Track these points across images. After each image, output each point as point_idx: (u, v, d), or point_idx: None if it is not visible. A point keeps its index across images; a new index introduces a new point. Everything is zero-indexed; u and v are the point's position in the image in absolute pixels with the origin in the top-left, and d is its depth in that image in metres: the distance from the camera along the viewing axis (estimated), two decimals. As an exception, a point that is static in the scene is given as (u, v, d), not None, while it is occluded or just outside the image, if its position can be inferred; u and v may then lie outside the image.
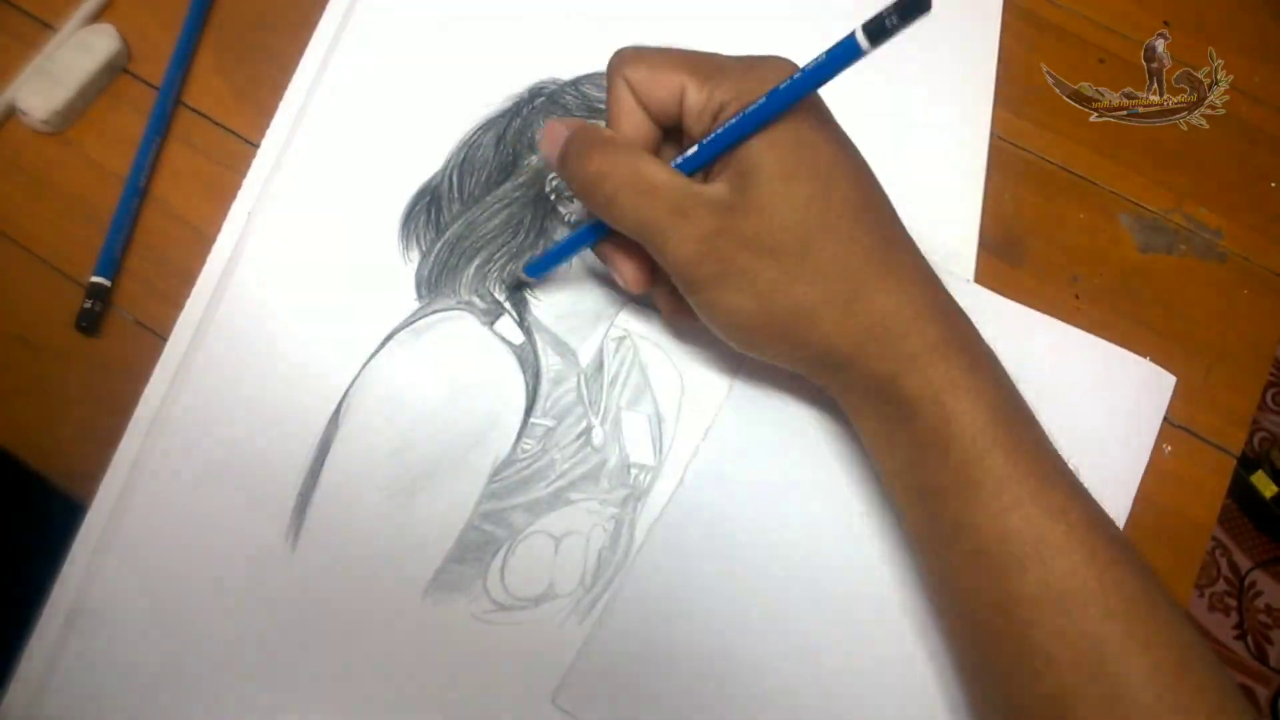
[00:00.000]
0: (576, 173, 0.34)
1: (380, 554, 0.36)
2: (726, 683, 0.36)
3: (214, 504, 0.36)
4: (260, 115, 0.43)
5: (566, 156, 0.34)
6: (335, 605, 0.35)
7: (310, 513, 0.36)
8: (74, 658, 0.34)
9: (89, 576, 0.35)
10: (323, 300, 0.40)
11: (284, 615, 0.35)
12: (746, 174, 0.32)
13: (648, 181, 0.32)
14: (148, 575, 0.35)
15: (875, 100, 0.47)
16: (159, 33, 0.45)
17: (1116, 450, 0.41)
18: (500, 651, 0.35)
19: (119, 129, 0.43)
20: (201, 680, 0.34)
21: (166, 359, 0.38)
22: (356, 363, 0.38)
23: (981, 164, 0.46)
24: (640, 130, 0.35)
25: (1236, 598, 1.21)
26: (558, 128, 0.35)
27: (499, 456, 0.38)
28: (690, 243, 0.32)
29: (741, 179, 0.32)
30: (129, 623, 0.35)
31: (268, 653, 0.35)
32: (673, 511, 0.38)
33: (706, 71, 0.34)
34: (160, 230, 0.42)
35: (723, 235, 0.32)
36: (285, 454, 0.37)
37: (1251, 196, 0.47)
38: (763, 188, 0.32)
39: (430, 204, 0.42)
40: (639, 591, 0.36)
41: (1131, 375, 0.42)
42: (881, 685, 0.36)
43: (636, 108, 0.34)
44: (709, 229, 0.32)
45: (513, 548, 0.37)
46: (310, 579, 0.35)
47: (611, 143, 0.34)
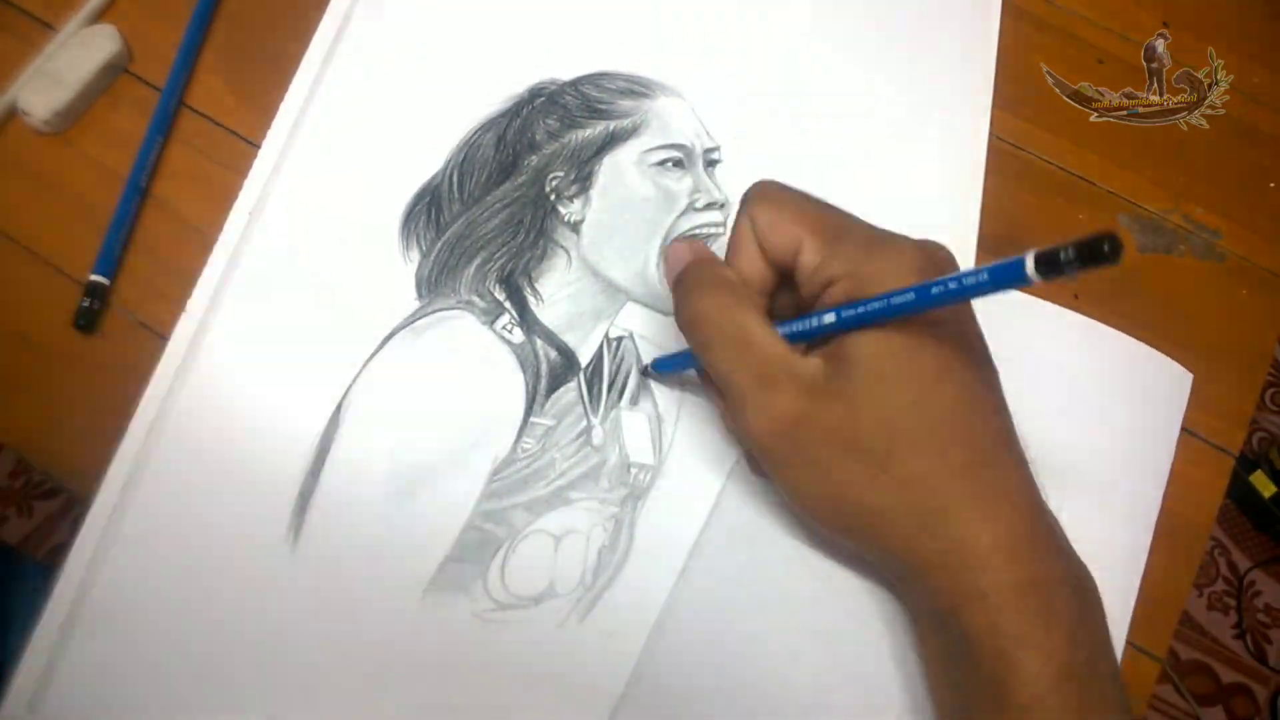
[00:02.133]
0: (684, 305, 0.33)
1: (381, 553, 0.36)
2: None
3: (215, 503, 0.36)
4: (261, 116, 0.43)
5: (680, 283, 0.34)
6: (336, 604, 0.35)
7: (311, 512, 0.36)
8: (74, 658, 0.34)
9: (90, 576, 0.35)
10: (323, 300, 0.40)
11: (284, 614, 0.35)
12: (843, 360, 0.30)
13: (745, 338, 0.31)
14: (148, 575, 0.35)
15: (875, 99, 0.47)
16: (159, 33, 0.45)
17: (1142, 446, 0.41)
18: (501, 650, 0.35)
19: (119, 129, 0.43)
20: (202, 680, 0.34)
21: (167, 359, 0.38)
22: (356, 362, 0.39)
23: (981, 164, 0.46)
24: (754, 269, 0.33)
25: (1236, 597, 1.21)
26: (682, 250, 0.34)
27: (499, 456, 0.38)
28: (769, 418, 0.31)
29: (837, 364, 0.30)
30: (130, 623, 0.35)
31: (268, 652, 0.35)
32: (711, 532, 0.38)
33: (828, 234, 0.32)
34: (161, 230, 0.42)
35: (804, 421, 0.30)
36: (285, 453, 0.37)
37: (1251, 196, 0.47)
38: (855, 382, 0.30)
39: (430, 204, 0.42)
40: (681, 621, 0.36)
41: (1151, 371, 0.42)
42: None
43: (755, 247, 0.33)
44: (791, 410, 0.30)
45: (513, 547, 0.37)
46: (311, 578, 0.35)
47: (725, 285, 0.33)
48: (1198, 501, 0.41)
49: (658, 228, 0.42)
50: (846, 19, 0.48)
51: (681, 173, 0.43)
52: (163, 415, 0.37)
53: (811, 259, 0.32)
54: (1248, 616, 1.21)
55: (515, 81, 0.45)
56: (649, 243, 0.42)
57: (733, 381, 0.31)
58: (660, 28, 0.47)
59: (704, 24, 0.47)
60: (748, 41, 0.47)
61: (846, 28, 0.48)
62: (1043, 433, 0.39)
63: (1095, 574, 0.32)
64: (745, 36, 0.47)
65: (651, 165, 0.43)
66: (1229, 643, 1.19)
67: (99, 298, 0.40)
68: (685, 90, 0.45)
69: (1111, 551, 0.39)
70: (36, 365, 0.39)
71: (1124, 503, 0.40)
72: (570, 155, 0.43)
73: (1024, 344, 0.34)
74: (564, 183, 0.42)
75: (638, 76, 0.45)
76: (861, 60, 0.47)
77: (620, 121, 0.44)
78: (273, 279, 0.40)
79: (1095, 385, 0.41)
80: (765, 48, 0.47)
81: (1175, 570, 0.40)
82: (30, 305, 0.40)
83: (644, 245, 0.42)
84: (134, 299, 0.41)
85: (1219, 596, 1.22)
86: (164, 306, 0.40)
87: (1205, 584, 1.23)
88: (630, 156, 0.43)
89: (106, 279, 0.40)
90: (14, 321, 0.40)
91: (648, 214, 0.42)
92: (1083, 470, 0.39)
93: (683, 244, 0.35)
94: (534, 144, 0.43)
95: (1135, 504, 0.40)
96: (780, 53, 0.47)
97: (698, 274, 0.33)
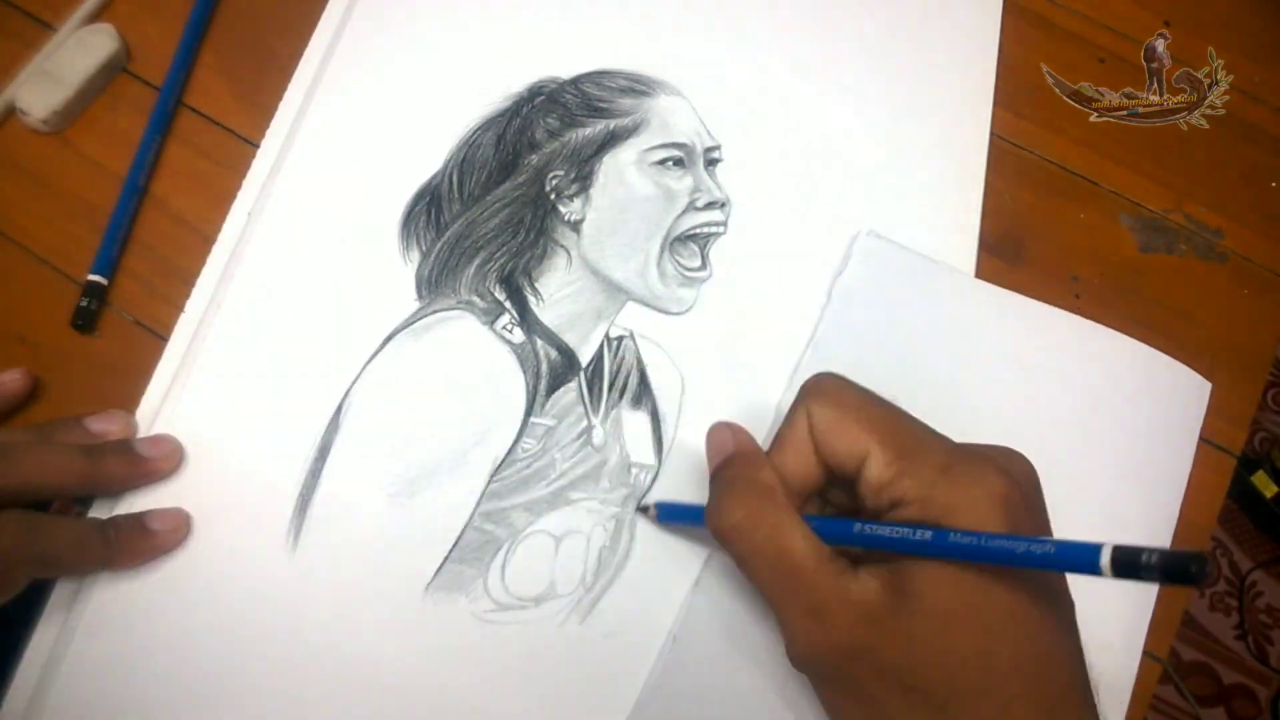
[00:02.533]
0: (720, 510, 0.31)
1: (381, 554, 0.36)
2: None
3: (214, 504, 0.36)
4: (261, 116, 0.43)
5: (718, 480, 0.32)
6: (336, 605, 0.35)
7: (311, 513, 0.36)
8: (72, 661, 0.34)
9: (88, 579, 0.35)
10: (323, 301, 0.39)
11: (285, 616, 0.35)
12: (904, 593, 0.28)
13: (790, 564, 0.29)
14: (148, 577, 0.35)
15: (875, 99, 0.47)
16: (158, 33, 0.45)
17: (1160, 455, 0.41)
18: (501, 651, 0.35)
19: (118, 129, 0.43)
20: (202, 682, 0.34)
21: (166, 359, 0.38)
22: (357, 363, 0.38)
23: (981, 163, 0.46)
24: (803, 469, 0.31)
25: (1237, 598, 1.21)
26: (725, 438, 0.33)
27: (499, 456, 0.38)
28: (820, 647, 0.29)
29: (896, 596, 0.28)
30: (128, 625, 0.34)
31: (269, 653, 0.35)
32: None
33: (900, 447, 0.30)
34: (160, 230, 0.42)
35: (860, 655, 0.28)
36: (286, 454, 0.37)
37: (1251, 196, 0.47)
38: (918, 621, 0.27)
39: (430, 204, 0.42)
40: (683, 621, 0.36)
41: (1170, 382, 0.42)
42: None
43: (809, 445, 0.31)
44: (845, 643, 0.28)
45: (513, 547, 0.37)
46: (311, 579, 0.35)
47: (767, 495, 0.30)
48: (1199, 502, 0.41)
49: (658, 227, 0.42)
50: (847, 18, 0.48)
51: (682, 172, 0.43)
52: (162, 417, 0.37)
53: (880, 474, 0.29)
54: (1249, 617, 1.21)
55: (515, 80, 0.44)
56: (650, 242, 0.42)
57: (778, 605, 0.30)
58: (661, 26, 0.47)
59: (704, 22, 0.47)
60: (748, 40, 0.47)
61: (847, 27, 0.48)
62: (1059, 441, 0.39)
63: (1110, 584, 0.30)
64: (745, 35, 0.47)
65: (652, 164, 0.43)
66: (1230, 643, 1.19)
67: (97, 297, 0.39)
68: (686, 89, 0.45)
69: None
70: (35, 365, 0.39)
71: (1140, 513, 0.40)
72: (570, 154, 0.43)
73: (1039, 350, 0.34)
74: (564, 182, 0.42)
75: (638, 75, 0.45)
76: (862, 59, 0.47)
77: (621, 120, 0.44)
78: (272, 280, 0.40)
79: (1114, 394, 0.41)
80: (765, 46, 0.47)
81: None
82: (28, 304, 0.40)
83: (645, 244, 0.41)
84: (132, 299, 0.40)
85: (1220, 597, 1.22)
86: (162, 306, 0.40)
87: (1206, 584, 1.23)
88: (630, 155, 0.43)
89: (104, 279, 0.40)
90: (11, 321, 0.40)
91: (648, 213, 0.42)
92: (1099, 478, 0.39)
93: (726, 430, 0.33)
94: (534, 143, 0.43)
95: (1152, 514, 0.40)
96: (781, 52, 0.47)
97: (737, 476, 0.31)
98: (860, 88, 0.47)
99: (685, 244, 0.42)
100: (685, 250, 0.42)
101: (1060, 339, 0.42)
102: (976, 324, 0.41)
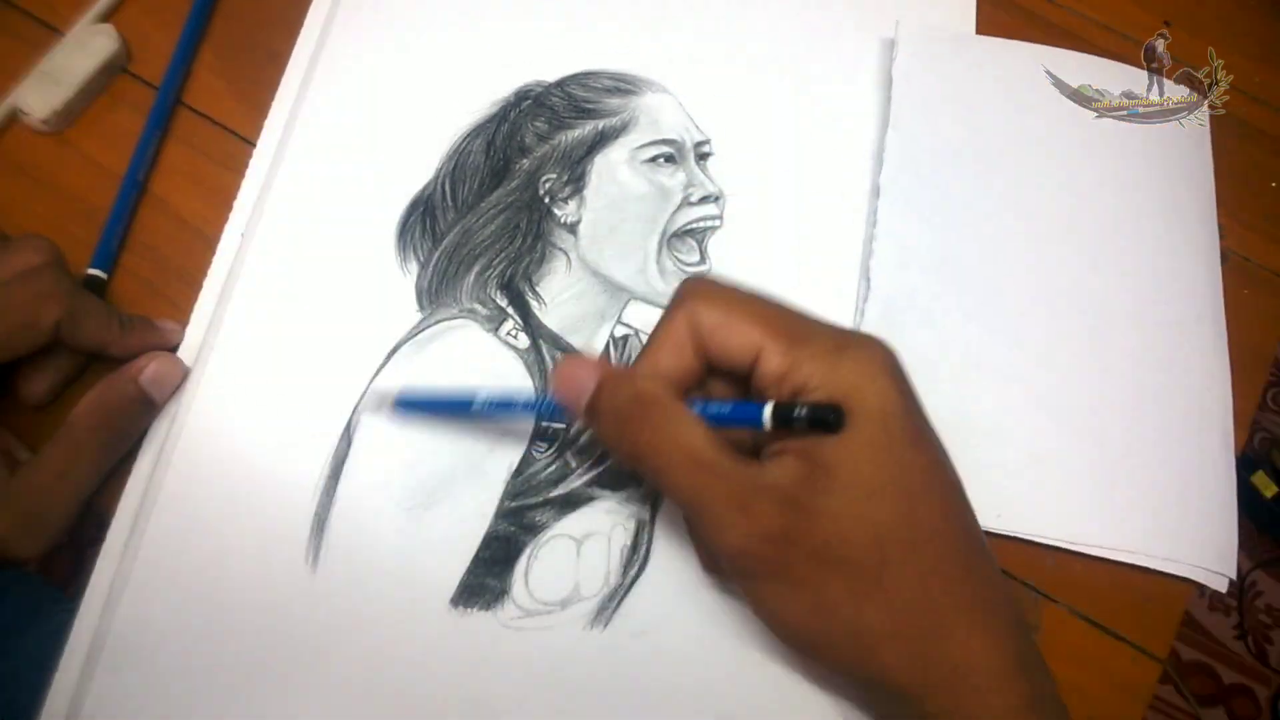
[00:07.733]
0: (619, 438, 0.30)
1: (403, 568, 0.36)
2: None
3: (231, 528, 0.36)
4: (260, 115, 0.43)
5: (600, 413, 0.31)
6: (361, 623, 0.35)
7: (329, 531, 0.36)
8: (98, 689, 0.33)
9: (109, 606, 0.34)
10: (324, 318, 0.39)
11: (310, 636, 0.35)
12: (820, 471, 0.28)
13: (701, 460, 0.29)
14: (167, 609, 0.34)
15: (865, 88, 0.47)
16: (158, 33, 0.45)
17: None
18: (531, 657, 0.35)
19: (118, 129, 0.43)
20: (228, 707, 0.34)
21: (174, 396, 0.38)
22: (363, 379, 0.38)
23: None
24: (680, 366, 0.31)
25: (1237, 598, 1.20)
26: (577, 371, 0.31)
27: (513, 463, 0.38)
28: (747, 538, 0.29)
29: (813, 474, 0.28)
30: (152, 651, 0.34)
31: (295, 675, 0.34)
32: None
33: (791, 338, 0.30)
34: (159, 229, 0.41)
35: (787, 540, 0.28)
36: (299, 474, 0.36)
37: (1251, 196, 0.47)
38: (839, 495, 0.28)
39: (424, 214, 0.41)
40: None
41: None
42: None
43: (689, 344, 0.31)
44: (771, 529, 0.28)
45: (535, 553, 0.36)
46: (334, 598, 0.35)
47: (655, 406, 0.30)
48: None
49: (655, 224, 0.42)
50: (834, 7, 0.48)
51: (674, 168, 0.43)
52: (171, 439, 0.37)
53: (778, 364, 0.30)
54: (1249, 617, 1.20)
55: (500, 85, 0.44)
56: (647, 239, 0.42)
57: (701, 508, 0.29)
58: (643, 24, 0.47)
59: (687, 18, 0.47)
60: (731, 33, 0.47)
61: (834, 17, 0.48)
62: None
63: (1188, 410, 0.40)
64: (728, 28, 0.47)
65: (643, 162, 0.43)
66: (1230, 643, 1.18)
67: (96, 292, 0.39)
68: (671, 85, 0.45)
69: (1191, 376, 0.41)
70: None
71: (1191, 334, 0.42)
72: (561, 157, 0.43)
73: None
74: (557, 184, 0.42)
75: (623, 74, 0.45)
76: (851, 50, 0.47)
77: (609, 120, 0.44)
78: (271, 300, 0.39)
79: None
80: (749, 39, 0.47)
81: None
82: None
83: (642, 242, 0.41)
84: (132, 299, 0.40)
85: (1220, 597, 1.21)
86: (161, 305, 0.40)
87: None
88: (621, 154, 0.43)
89: (104, 273, 0.40)
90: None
91: (644, 211, 0.42)
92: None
93: (572, 364, 0.32)
94: (524, 147, 0.43)
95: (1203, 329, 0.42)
96: (765, 44, 0.47)
97: (618, 398, 0.31)
98: (850, 78, 0.47)
99: (683, 239, 0.42)
100: (683, 246, 0.42)
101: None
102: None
